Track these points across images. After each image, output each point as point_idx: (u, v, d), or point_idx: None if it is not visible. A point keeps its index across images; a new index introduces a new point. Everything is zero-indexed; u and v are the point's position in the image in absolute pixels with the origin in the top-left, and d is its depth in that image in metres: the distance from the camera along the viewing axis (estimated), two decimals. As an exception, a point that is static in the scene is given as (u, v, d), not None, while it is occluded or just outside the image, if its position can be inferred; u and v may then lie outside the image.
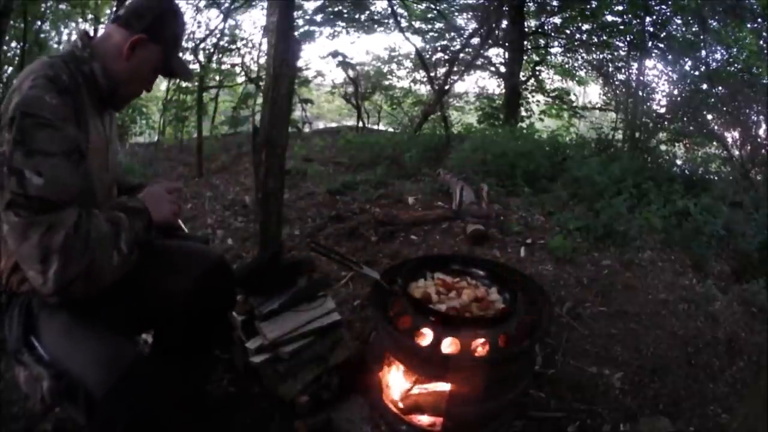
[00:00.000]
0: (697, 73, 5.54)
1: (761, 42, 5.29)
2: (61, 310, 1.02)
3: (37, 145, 0.88)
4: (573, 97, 8.59)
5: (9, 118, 0.90)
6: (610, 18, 6.79)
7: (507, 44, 7.32)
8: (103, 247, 0.94)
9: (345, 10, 7.69)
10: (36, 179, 0.87)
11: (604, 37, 6.96)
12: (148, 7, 1.05)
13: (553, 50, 8.16)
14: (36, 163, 0.88)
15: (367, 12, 7.90)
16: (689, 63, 5.66)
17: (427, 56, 7.85)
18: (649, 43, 6.01)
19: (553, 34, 7.87)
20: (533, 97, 8.19)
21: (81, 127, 1.00)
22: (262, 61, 6.37)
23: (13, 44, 5.93)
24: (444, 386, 1.29)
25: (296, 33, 5.86)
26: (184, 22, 1.16)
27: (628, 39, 6.49)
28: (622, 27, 6.60)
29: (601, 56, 7.32)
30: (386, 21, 8.04)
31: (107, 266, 0.95)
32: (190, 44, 6.21)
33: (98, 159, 1.07)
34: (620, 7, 6.56)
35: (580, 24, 7.35)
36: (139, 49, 1.04)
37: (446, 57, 7.83)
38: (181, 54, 1.20)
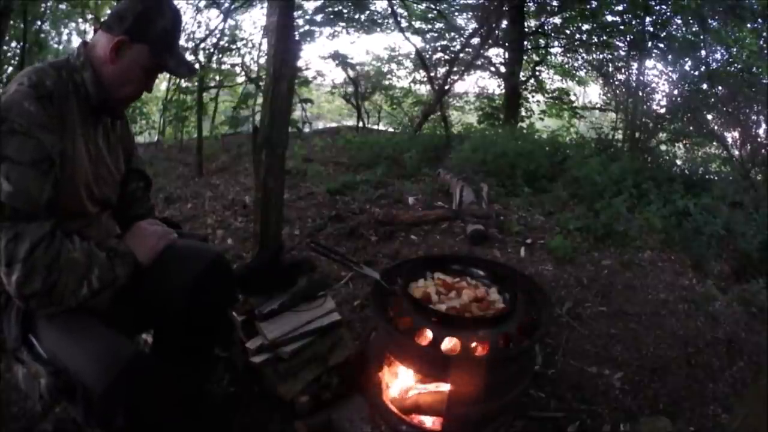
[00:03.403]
0: (697, 73, 5.54)
1: (761, 42, 5.30)
2: None
3: (7, 151, 0.89)
4: (573, 97, 8.60)
5: None
6: (610, 18, 6.82)
7: (507, 44, 7.33)
8: (70, 273, 0.94)
9: (345, 10, 7.68)
10: (5, 185, 0.88)
11: (604, 37, 6.97)
12: (129, 8, 1.03)
13: (553, 50, 8.17)
14: (6, 170, 0.88)
15: (367, 12, 7.90)
16: (689, 63, 5.66)
17: (427, 56, 7.85)
18: (649, 43, 6.01)
19: (553, 34, 7.88)
20: (533, 97, 8.19)
21: (66, 135, 0.99)
22: (262, 61, 6.37)
23: (13, 44, 5.93)
24: (444, 386, 1.28)
25: (296, 33, 5.87)
26: (175, 17, 1.09)
27: (628, 39, 6.49)
28: (622, 27, 6.61)
29: (601, 56, 7.32)
30: (386, 21, 8.06)
31: (72, 294, 0.95)
32: (190, 44, 6.22)
33: (87, 169, 1.06)
34: (620, 7, 6.57)
35: (580, 24, 7.36)
36: (123, 51, 1.03)
37: (446, 57, 7.84)
38: (180, 50, 1.15)
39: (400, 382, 1.37)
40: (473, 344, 1.24)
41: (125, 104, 1.18)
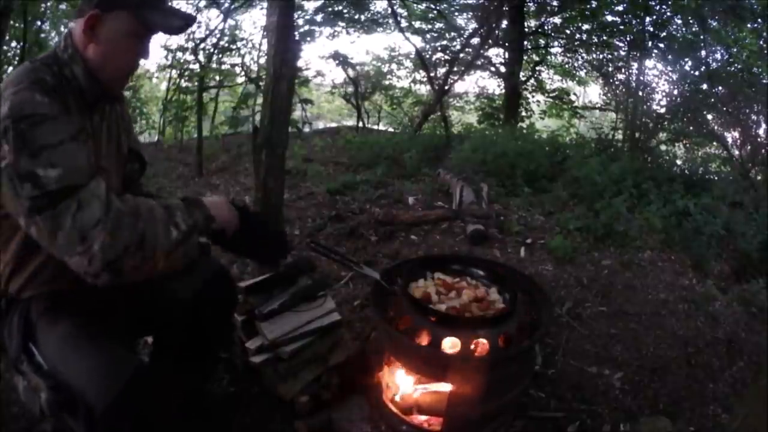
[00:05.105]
0: (697, 73, 5.54)
1: (761, 42, 5.29)
2: (62, 316, 1.00)
3: (40, 142, 0.84)
4: (573, 97, 8.60)
5: (2, 129, 0.84)
6: (610, 18, 6.81)
7: (507, 44, 7.33)
8: (152, 220, 0.87)
9: (345, 10, 7.69)
10: (52, 172, 0.82)
11: (604, 37, 6.97)
12: None
13: (553, 50, 8.17)
14: (46, 159, 0.83)
15: (367, 12, 7.90)
16: (689, 63, 5.66)
17: (427, 56, 7.85)
18: (649, 43, 6.01)
19: (553, 34, 7.88)
20: (533, 97, 8.20)
21: None
22: (262, 61, 6.38)
23: (13, 44, 5.93)
24: (444, 386, 1.28)
25: (296, 33, 5.87)
26: None
27: (628, 39, 6.49)
28: (622, 27, 6.61)
29: (601, 56, 7.31)
30: (386, 21, 8.06)
31: (164, 240, 0.87)
32: (190, 44, 6.22)
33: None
34: (620, 7, 6.57)
35: (580, 24, 7.36)
36: (99, 27, 0.97)
37: (446, 57, 7.84)
38: (167, 3, 1.04)
39: (400, 382, 1.37)
40: (473, 344, 1.24)
41: (120, 81, 1.08)
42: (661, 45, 6.03)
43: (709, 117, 5.35)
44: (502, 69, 7.71)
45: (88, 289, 0.98)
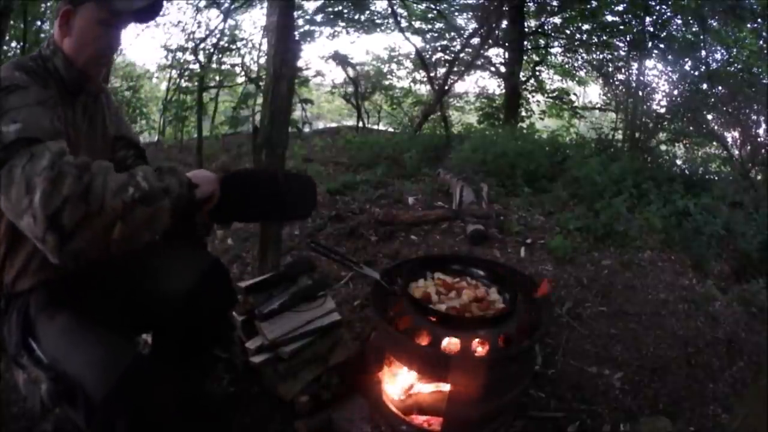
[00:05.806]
0: (697, 73, 5.55)
1: (761, 42, 5.30)
2: (61, 311, 1.02)
3: (8, 105, 0.88)
4: (573, 97, 8.61)
5: None
6: (610, 18, 6.83)
7: (507, 44, 7.33)
8: (107, 175, 0.84)
9: (345, 10, 7.69)
10: (12, 126, 0.84)
11: (604, 37, 6.97)
12: None
13: (553, 50, 8.18)
14: (10, 117, 0.86)
15: (367, 12, 7.91)
16: (689, 63, 5.67)
17: (427, 56, 7.86)
18: (649, 43, 6.02)
19: (553, 34, 7.89)
20: (533, 97, 8.20)
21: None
22: (262, 61, 6.38)
23: (13, 44, 5.92)
24: (444, 386, 1.28)
25: (296, 33, 5.87)
26: None
27: (628, 39, 6.50)
28: (622, 27, 6.62)
29: (601, 56, 7.32)
30: (386, 21, 8.07)
31: (114, 197, 0.82)
32: (190, 44, 6.22)
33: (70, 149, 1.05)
34: (620, 7, 6.58)
35: (580, 24, 7.36)
36: (72, 21, 1.05)
37: (446, 57, 7.84)
38: None
39: (400, 382, 1.37)
40: (473, 344, 1.24)
41: (97, 68, 1.13)
42: (661, 45, 6.04)
43: (709, 117, 5.36)
44: (502, 69, 7.72)
45: (83, 281, 1.01)
